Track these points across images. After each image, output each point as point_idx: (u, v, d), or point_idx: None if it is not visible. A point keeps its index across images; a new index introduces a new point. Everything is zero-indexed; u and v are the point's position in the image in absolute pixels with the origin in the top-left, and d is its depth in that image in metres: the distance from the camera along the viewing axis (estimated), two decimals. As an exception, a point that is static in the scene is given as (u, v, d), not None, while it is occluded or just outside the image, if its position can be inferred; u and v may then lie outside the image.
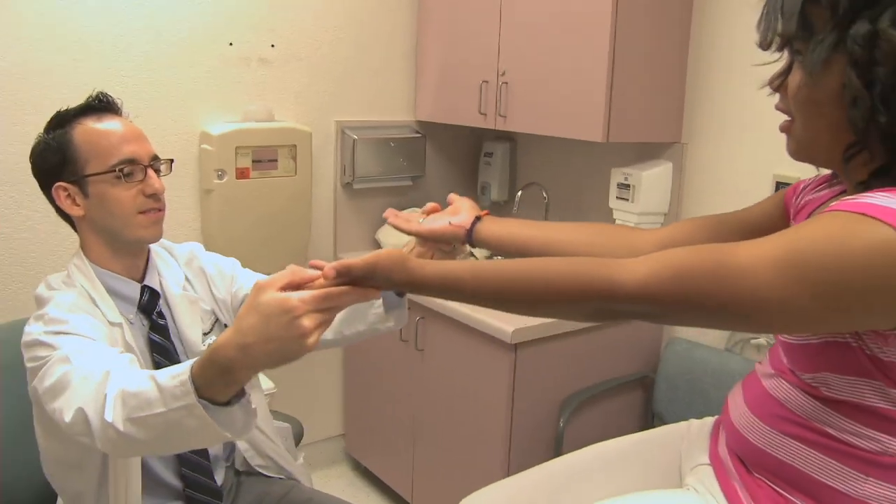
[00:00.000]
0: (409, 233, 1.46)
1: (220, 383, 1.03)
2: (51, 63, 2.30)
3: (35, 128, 1.50)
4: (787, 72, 1.02)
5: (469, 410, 2.40)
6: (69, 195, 1.44)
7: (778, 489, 1.04)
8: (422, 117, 3.04)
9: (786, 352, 1.06)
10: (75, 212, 1.45)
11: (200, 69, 2.57)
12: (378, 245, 3.01)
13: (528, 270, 1.00)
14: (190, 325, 1.56)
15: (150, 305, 1.52)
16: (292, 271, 1.01)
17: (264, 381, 2.53)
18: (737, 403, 1.16)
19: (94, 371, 1.20)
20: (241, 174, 2.59)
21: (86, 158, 1.42)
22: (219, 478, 1.61)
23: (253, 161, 2.61)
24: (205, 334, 1.59)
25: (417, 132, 3.04)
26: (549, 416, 2.33)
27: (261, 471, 1.70)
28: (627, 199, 2.47)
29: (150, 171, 1.47)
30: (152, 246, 1.58)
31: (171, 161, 1.56)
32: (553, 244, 1.37)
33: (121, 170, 1.42)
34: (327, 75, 2.85)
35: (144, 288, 1.52)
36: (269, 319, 0.96)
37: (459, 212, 1.45)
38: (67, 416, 1.18)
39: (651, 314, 0.94)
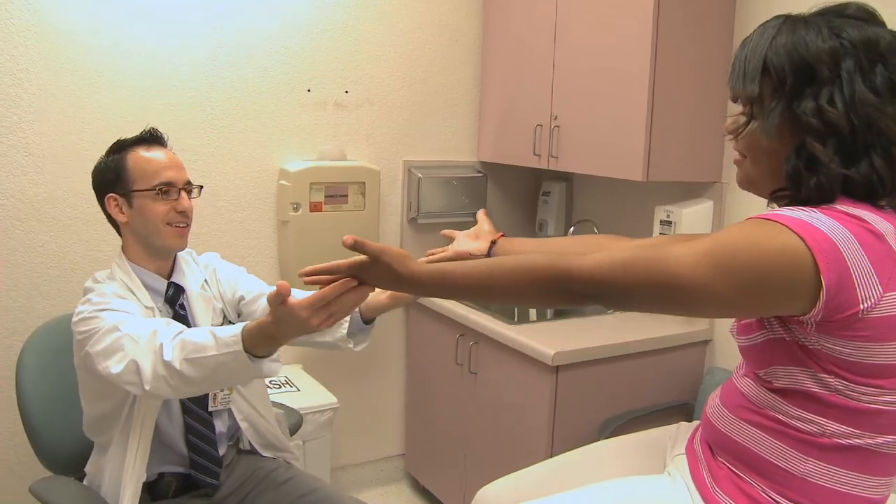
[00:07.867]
0: (443, 259, 1.72)
1: (263, 344, 1.40)
2: (148, 106, 2.61)
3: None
4: (747, 124, 1.21)
5: (515, 430, 2.56)
6: (118, 205, 1.81)
7: (735, 470, 1.21)
8: (483, 158, 3.26)
9: (743, 354, 1.23)
10: (121, 218, 1.82)
11: (281, 113, 2.86)
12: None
13: (504, 263, 1.22)
14: (203, 318, 1.89)
15: (174, 298, 1.87)
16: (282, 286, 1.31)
17: (328, 397, 2.75)
18: (714, 399, 1.33)
19: (141, 333, 1.55)
20: (315, 208, 2.85)
21: (134, 178, 1.79)
22: (222, 451, 1.93)
23: (326, 196, 2.87)
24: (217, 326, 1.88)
25: (479, 171, 3.26)
26: (589, 438, 2.44)
27: (258, 449, 1.99)
28: (669, 235, 2.61)
29: (183, 193, 1.83)
30: (181, 254, 1.93)
31: (201, 187, 1.93)
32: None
33: (160, 189, 1.78)
34: (396, 119, 3.10)
35: (170, 284, 1.87)
36: (289, 324, 1.31)
37: (480, 236, 1.74)
38: (117, 369, 1.53)
39: (601, 296, 1.13)
